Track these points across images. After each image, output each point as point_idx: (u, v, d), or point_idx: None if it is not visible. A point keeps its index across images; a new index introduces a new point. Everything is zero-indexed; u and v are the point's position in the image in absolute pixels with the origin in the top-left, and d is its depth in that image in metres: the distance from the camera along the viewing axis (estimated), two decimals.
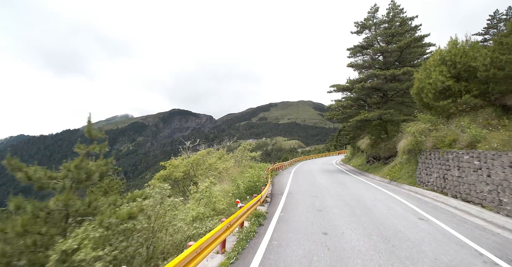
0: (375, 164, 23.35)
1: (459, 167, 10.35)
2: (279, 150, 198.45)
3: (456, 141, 11.48)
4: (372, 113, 21.14)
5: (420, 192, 12.37)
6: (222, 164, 16.37)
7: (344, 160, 37.16)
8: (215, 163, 16.67)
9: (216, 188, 10.43)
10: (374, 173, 20.85)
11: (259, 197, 8.55)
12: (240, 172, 15.84)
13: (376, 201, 10.48)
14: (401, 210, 8.81)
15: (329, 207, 9.42)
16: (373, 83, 21.76)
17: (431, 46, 21.71)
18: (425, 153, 13.48)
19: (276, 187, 14.86)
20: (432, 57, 14.68)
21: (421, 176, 13.62)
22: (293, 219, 7.92)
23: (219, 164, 16.30)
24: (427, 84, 14.19)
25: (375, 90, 23.16)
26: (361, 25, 23.80)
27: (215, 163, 16.66)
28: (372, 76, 22.25)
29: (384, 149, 21.98)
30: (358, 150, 32.48)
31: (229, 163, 17.14)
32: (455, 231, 6.58)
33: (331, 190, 13.43)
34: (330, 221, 7.66)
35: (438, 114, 14.06)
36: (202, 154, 17.86)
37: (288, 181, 17.46)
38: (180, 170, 16.08)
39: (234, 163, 18.32)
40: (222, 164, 16.54)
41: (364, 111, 22.51)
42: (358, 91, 22.78)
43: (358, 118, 21.70)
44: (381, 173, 19.59)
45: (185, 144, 21.19)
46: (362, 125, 23.51)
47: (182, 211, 7.02)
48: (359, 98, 24.15)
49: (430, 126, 13.91)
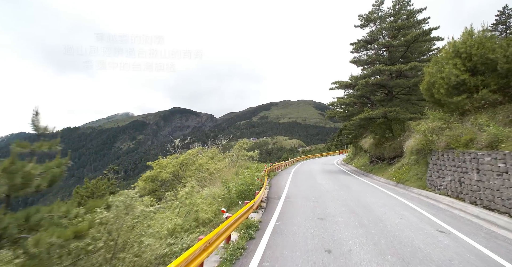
0: (379, 165, 22.16)
1: (478, 169, 9.18)
2: (280, 149, 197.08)
3: (474, 140, 10.29)
4: (377, 111, 19.94)
5: (432, 197, 11.19)
6: (213, 164, 15.11)
7: (345, 160, 35.99)
8: (206, 163, 15.39)
9: (205, 191, 9.31)
10: (379, 174, 19.68)
11: (251, 204, 7.40)
12: (234, 173, 14.68)
13: (384, 207, 9.32)
14: (415, 220, 7.65)
15: (332, 215, 8.26)
16: (378, 79, 20.55)
17: (439, 41, 20.47)
18: (436, 154, 12.30)
19: (273, 190, 13.70)
20: (445, 49, 13.47)
21: (432, 179, 12.44)
22: (290, 231, 6.76)
23: (210, 164, 15.05)
24: (439, 79, 13.00)
25: (380, 87, 21.95)
26: (366, 19, 22.57)
27: (206, 163, 15.38)
28: (376, 72, 21.04)
29: (389, 149, 20.79)
30: (361, 150, 31.30)
31: (222, 163, 15.89)
32: (488, 249, 5.41)
33: (333, 193, 12.27)
34: (334, 233, 6.50)
35: (451, 111, 12.87)
36: (191, 153, 16.59)
37: (287, 182, 16.31)
38: (168, 171, 14.86)
39: (228, 163, 17.11)
40: (214, 164, 15.29)
41: (368, 109, 21.32)
42: (361, 88, 21.57)
43: (361, 116, 20.50)
44: (386, 174, 18.42)
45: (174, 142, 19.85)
46: (365, 123, 22.30)
47: (158, 222, 5.88)
48: (363, 96, 22.94)
49: (442, 125, 12.73)
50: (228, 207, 8.83)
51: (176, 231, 5.72)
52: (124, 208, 5.09)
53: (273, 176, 20.07)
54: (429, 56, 21.67)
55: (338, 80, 24.27)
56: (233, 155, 19.08)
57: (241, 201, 8.91)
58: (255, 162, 21.73)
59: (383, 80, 20.47)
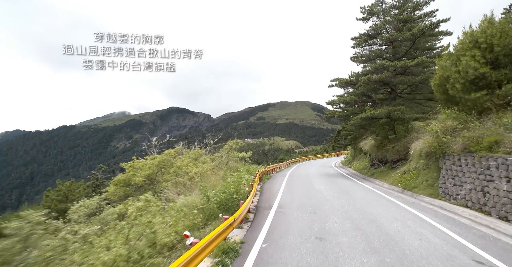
0: (380, 168, 20.63)
1: (509, 178, 7.62)
2: (276, 150, 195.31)
3: (500, 142, 8.76)
4: (380, 110, 18.40)
5: (448, 208, 9.63)
6: (195, 167, 13.34)
7: (344, 162, 34.45)
8: (186, 165, 13.58)
9: (180, 200, 7.69)
10: (381, 179, 18.14)
11: (230, 221, 5.77)
12: (221, 177, 13.04)
13: (396, 222, 7.73)
14: (438, 242, 6.06)
15: (333, 233, 6.66)
16: (381, 76, 18.99)
17: (447, 36, 19.01)
18: (451, 158, 10.76)
19: (264, 196, 12.09)
20: (461, 40, 11.95)
21: (445, 186, 10.89)
22: (280, 259, 5.15)
23: (191, 167, 13.27)
24: (453, 73, 11.45)
25: (383, 85, 20.43)
26: (368, 11, 21.04)
27: (186, 165, 13.58)
28: (379, 68, 19.51)
29: (392, 151, 19.26)
30: (360, 152, 29.78)
31: (207, 165, 14.14)
32: None
33: (333, 202, 10.68)
34: (337, 262, 4.91)
35: (468, 109, 11.33)
36: (169, 153, 14.75)
37: (281, 187, 14.71)
38: (143, 174, 13.09)
39: (216, 165, 15.44)
40: (195, 167, 13.51)
41: (370, 108, 19.80)
42: (363, 85, 20.01)
43: (363, 116, 18.95)
44: (390, 179, 16.88)
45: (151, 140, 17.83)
46: (366, 124, 20.75)
47: (91, 251, 4.27)
48: (364, 94, 21.39)
49: (458, 124, 11.19)
50: (206, 221, 7.22)
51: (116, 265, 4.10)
52: (19, 241, 3.45)
53: (266, 180, 18.45)
54: (433, 54, 20.18)
55: (338, 78, 22.74)
56: (222, 156, 17.38)
57: (222, 213, 7.30)
58: (247, 164, 20.10)
59: (386, 77, 18.93)
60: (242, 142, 19.50)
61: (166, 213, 6.91)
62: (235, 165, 16.98)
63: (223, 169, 14.61)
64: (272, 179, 19.58)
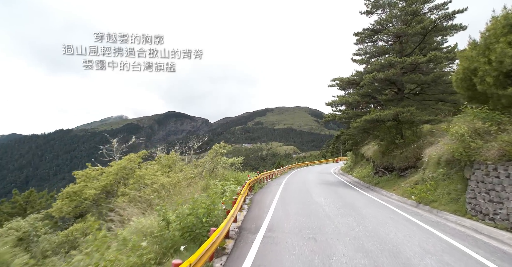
0: (386, 176, 18.52)
1: None
2: (274, 155, 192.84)
3: None
4: (387, 112, 16.38)
5: (487, 232, 7.51)
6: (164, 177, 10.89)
7: (344, 169, 32.30)
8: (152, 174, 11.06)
9: (131, 226, 5.55)
10: (388, 189, 16.04)
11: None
12: (202, 188, 10.74)
13: (427, 256, 5.61)
14: None
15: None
16: (388, 74, 16.98)
17: (462, 30, 17.10)
18: (483, 167, 8.69)
19: (252, 213, 9.94)
20: (490, 26, 9.98)
21: (477, 202, 8.79)
22: None
23: (159, 177, 10.83)
24: (482, 64, 9.44)
25: (388, 85, 18.45)
26: (373, 4, 19.18)
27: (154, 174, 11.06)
28: (386, 66, 17.51)
29: (400, 158, 17.18)
30: (362, 158, 27.72)
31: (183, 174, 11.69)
32: None
33: (337, 221, 8.55)
34: None
35: (503, 108, 9.32)
36: (131, 158, 12.19)
37: (274, 199, 12.56)
38: (97, 185, 10.70)
39: (200, 172, 13.13)
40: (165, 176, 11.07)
41: (375, 110, 17.78)
42: (367, 84, 18.04)
43: (368, 118, 16.91)
44: (399, 189, 14.79)
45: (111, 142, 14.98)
46: (370, 127, 18.70)
47: None
48: (368, 94, 19.37)
49: (490, 126, 9.16)
50: (162, 256, 5.05)
51: None
52: None
53: (258, 189, 16.30)
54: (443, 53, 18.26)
55: (339, 77, 20.77)
56: (206, 162, 15.04)
57: (185, 245, 5.14)
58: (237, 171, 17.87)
59: (394, 75, 16.92)
60: (230, 146, 17.21)
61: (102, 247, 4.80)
62: (223, 173, 14.81)
63: (205, 178, 12.33)
64: (265, 188, 17.41)
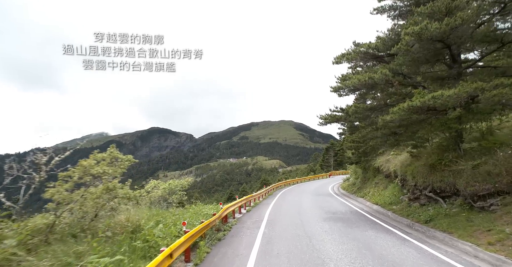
0: (440, 207, 10.80)
1: None
2: (260, 170, 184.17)
3: None
4: (452, 91, 8.84)
5: None
6: None
7: (347, 188, 24.45)
8: None
9: None
10: (458, 235, 8.15)
11: None
12: None
13: None
14: None
15: None
16: (444, 28, 9.55)
17: None
18: None
19: None
20: None
21: None
22: None
23: None
24: None
25: (439, 50, 11.00)
26: None
27: None
28: (435, 13, 10.12)
29: (470, 176, 9.48)
30: (375, 173, 20.09)
31: None
32: None
33: None
34: None
35: None
36: None
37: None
38: None
39: None
40: None
41: (423, 91, 10.24)
42: (403, 53, 10.62)
43: (414, 104, 9.33)
44: (485, 237, 7.00)
45: None
46: (410, 123, 11.06)
47: None
48: (398, 72, 11.90)
49: None
50: None
51: None
52: None
53: (216, 242, 8.15)
54: None
55: (347, 52, 13.30)
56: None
57: None
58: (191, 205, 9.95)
59: (448, 31, 9.52)
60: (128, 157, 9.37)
61: None
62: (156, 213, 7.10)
63: None
64: (235, 229, 9.30)
